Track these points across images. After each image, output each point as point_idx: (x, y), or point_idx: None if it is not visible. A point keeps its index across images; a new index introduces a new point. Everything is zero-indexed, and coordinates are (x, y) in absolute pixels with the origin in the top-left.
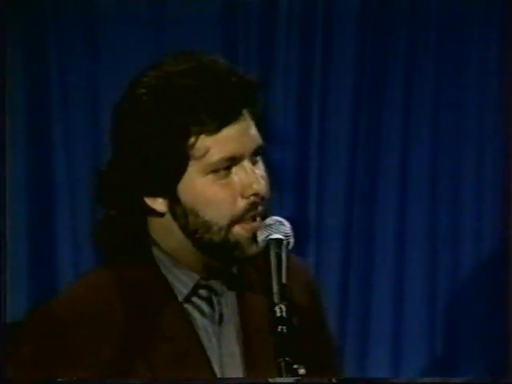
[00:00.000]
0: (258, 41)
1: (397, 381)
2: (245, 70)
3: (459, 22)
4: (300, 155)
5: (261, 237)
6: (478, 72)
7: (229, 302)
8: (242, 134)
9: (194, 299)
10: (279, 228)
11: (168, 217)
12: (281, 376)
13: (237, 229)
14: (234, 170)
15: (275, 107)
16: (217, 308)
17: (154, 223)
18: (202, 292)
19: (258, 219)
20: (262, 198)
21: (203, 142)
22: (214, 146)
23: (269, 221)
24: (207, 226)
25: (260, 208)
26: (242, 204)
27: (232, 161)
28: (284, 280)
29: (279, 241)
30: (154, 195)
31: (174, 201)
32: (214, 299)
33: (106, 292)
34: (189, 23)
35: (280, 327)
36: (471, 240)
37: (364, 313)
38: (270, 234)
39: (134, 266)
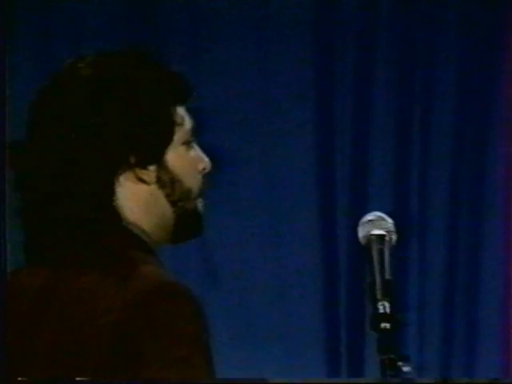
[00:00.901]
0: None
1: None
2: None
3: None
4: (401, 148)
5: (362, 232)
6: None
7: None
8: None
9: None
10: (381, 224)
11: (153, 187)
12: (384, 374)
13: (200, 200)
14: (192, 145)
15: (377, 100)
16: None
17: (132, 200)
18: None
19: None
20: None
21: (179, 110)
22: (185, 115)
23: (370, 216)
24: (188, 193)
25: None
26: (199, 178)
27: (194, 135)
28: (387, 276)
29: (381, 236)
30: (145, 165)
31: (162, 168)
32: None
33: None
34: (286, 23)
35: (383, 324)
36: None
37: (471, 312)
38: (372, 230)
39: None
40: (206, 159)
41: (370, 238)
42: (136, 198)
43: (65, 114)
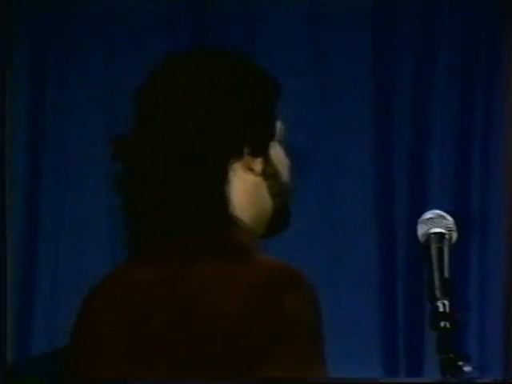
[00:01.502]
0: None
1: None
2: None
3: None
4: (462, 146)
5: (421, 230)
6: None
7: None
8: None
9: None
10: (441, 222)
11: (259, 179)
12: (444, 373)
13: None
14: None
15: (437, 97)
16: None
17: (240, 191)
18: None
19: None
20: None
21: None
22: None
23: (430, 214)
24: (285, 187)
25: None
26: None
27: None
28: (446, 275)
29: (441, 235)
30: (256, 155)
31: (267, 161)
32: None
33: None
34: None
35: (443, 323)
36: None
37: None
38: (431, 228)
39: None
40: (286, 157)
41: (429, 236)
42: (244, 188)
43: (177, 106)
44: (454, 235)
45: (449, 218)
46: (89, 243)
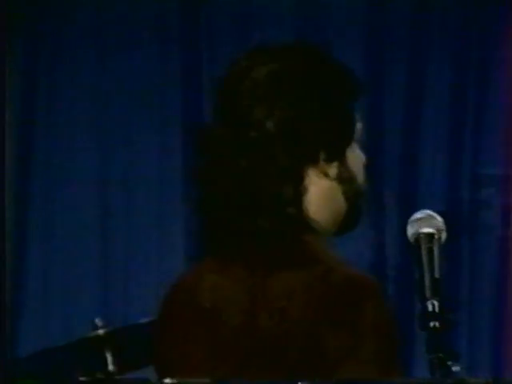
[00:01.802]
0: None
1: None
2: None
3: None
4: (452, 148)
5: (411, 230)
6: None
7: None
8: None
9: None
10: (430, 222)
11: (334, 183)
12: (433, 373)
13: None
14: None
15: (428, 107)
16: None
17: (314, 195)
18: None
19: None
20: None
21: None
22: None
23: (419, 215)
24: (360, 190)
25: None
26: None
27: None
28: (437, 275)
29: (430, 235)
30: (331, 160)
31: (342, 165)
32: None
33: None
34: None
35: (432, 322)
36: None
37: None
38: (421, 228)
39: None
40: (363, 155)
41: (419, 236)
42: (317, 193)
43: (257, 104)
44: (444, 235)
45: (438, 218)
46: (80, 245)
